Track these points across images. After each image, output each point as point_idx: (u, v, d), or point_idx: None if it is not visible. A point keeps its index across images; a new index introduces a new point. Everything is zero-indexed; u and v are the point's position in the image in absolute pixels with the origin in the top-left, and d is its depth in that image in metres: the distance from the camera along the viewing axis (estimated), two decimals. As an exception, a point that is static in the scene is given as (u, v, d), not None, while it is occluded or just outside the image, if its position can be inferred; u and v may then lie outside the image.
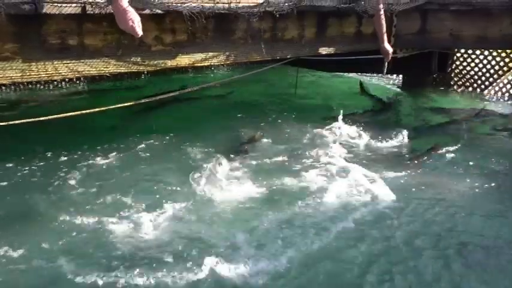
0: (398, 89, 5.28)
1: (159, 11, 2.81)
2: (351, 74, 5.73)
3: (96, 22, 2.68)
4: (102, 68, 2.81)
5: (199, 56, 3.18)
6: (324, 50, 3.95)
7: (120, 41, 2.81)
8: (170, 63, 3.08)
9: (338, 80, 5.72)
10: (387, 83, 5.58)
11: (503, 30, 4.02)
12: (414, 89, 5.05)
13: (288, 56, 3.72)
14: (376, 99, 4.66)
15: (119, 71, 2.92)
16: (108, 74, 2.95)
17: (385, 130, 3.63)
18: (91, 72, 2.78)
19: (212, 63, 3.40)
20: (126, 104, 2.90)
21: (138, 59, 2.92)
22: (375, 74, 5.58)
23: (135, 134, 3.41)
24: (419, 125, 3.80)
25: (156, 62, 3.00)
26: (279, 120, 3.93)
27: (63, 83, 4.85)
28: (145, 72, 4.63)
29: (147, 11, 2.73)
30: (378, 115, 4.14)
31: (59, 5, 2.45)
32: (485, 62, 4.82)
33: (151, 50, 2.95)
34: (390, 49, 3.96)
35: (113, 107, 2.82)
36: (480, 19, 4.10)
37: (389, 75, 5.49)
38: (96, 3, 2.51)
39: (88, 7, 2.54)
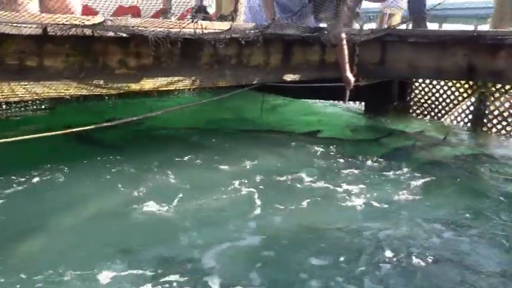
0: (361, 116, 5.43)
1: (124, 35, 2.80)
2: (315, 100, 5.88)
3: (58, 44, 2.62)
4: (62, 90, 2.73)
5: (164, 80, 3.16)
6: (288, 77, 4.02)
7: (82, 63, 2.75)
8: (134, 86, 3.04)
9: (304, 105, 5.85)
10: (350, 110, 5.72)
11: (457, 62, 4.24)
12: (376, 115, 5.21)
13: (254, 82, 3.76)
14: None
15: (80, 93, 2.84)
16: (68, 96, 2.86)
17: (344, 154, 3.70)
18: (50, 94, 2.69)
19: (177, 88, 3.37)
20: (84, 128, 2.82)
21: (101, 82, 2.87)
22: (337, 101, 5.71)
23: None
24: (379, 149, 3.86)
25: (119, 85, 2.95)
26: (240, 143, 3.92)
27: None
28: (109, 95, 4.54)
29: (111, 34, 2.70)
30: (340, 139, 4.20)
31: (19, 25, 2.39)
32: (441, 91, 5.04)
33: (114, 73, 2.90)
34: (352, 78, 4.09)
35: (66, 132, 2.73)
36: (436, 51, 4.31)
37: (352, 103, 5.64)
38: (58, 25, 2.46)
39: (49, 28, 2.49)
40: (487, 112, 4.67)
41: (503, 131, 4.56)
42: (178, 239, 2.29)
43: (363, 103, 5.58)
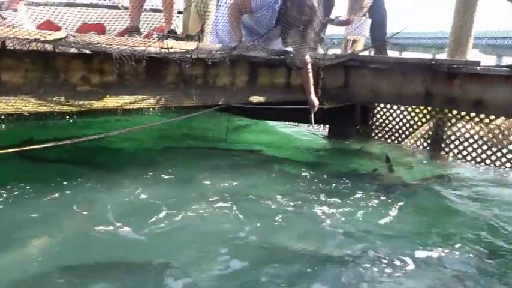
0: (324, 138, 5.53)
1: (87, 51, 2.75)
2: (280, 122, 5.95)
3: (17, 58, 2.54)
4: (20, 106, 2.63)
5: (128, 99, 3.11)
6: (254, 99, 4.05)
7: (42, 79, 2.67)
8: (96, 104, 2.97)
9: (270, 126, 5.90)
10: (314, 133, 5.82)
11: (416, 88, 4.42)
12: (339, 139, 5.32)
13: (219, 103, 3.76)
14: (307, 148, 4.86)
15: (39, 110, 2.74)
16: (26, 113, 2.76)
17: (305, 175, 3.73)
18: (7, 110, 2.59)
19: (141, 107, 3.32)
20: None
21: (62, 99, 2.78)
22: (302, 124, 5.80)
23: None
24: (340, 171, 3.91)
25: (81, 102, 2.87)
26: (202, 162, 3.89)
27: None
28: (70, 112, 4.43)
29: (73, 50, 2.65)
30: (302, 161, 4.24)
31: (-25, 38, 2.30)
32: (402, 116, 5.21)
33: (76, 89, 2.83)
34: (316, 101, 4.18)
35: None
36: (396, 77, 4.48)
37: (316, 125, 5.74)
38: (17, 39, 2.39)
39: (8, 42, 2.41)
40: (444, 137, 4.85)
41: (459, 155, 4.75)
42: (144, 261, 2.21)
43: (327, 126, 5.68)
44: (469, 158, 4.68)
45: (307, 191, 3.36)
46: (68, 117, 4.99)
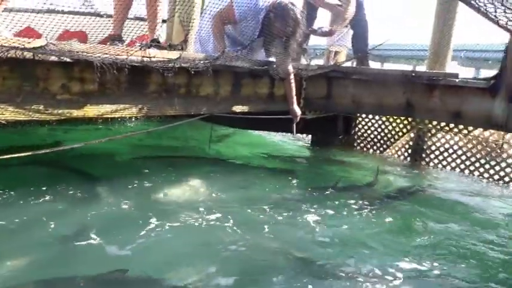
0: (307, 148, 5.56)
1: (68, 59, 2.71)
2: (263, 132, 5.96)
3: (-5, 66, 2.49)
4: (-3, 115, 2.58)
5: (109, 108, 3.07)
6: (238, 108, 4.06)
7: (21, 87, 2.62)
8: (77, 113, 2.93)
9: (253, 136, 5.90)
10: (297, 142, 5.84)
11: (397, 99, 4.50)
12: (322, 148, 5.35)
13: (202, 112, 3.76)
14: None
15: (17, 118, 2.69)
16: (4, 122, 2.70)
17: (287, 184, 3.74)
18: (-17, 118, 2.54)
19: (123, 116, 3.29)
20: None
21: (41, 107, 2.74)
22: (285, 133, 5.81)
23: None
24: (321, 181, 3.93)
25: (61, 111, 2.83)
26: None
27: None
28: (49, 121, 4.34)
29: (54, 58, 2.61)
30: (285, 170, 4.25)
31: (-49, 44, 2.25)
32: (383, 126, 5.28)
33: (56, 98, 2.78)
34: (299, 111, 4.21)
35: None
36: (377, 88, 4.55)
37: (299, 135, 5.77)
38: (-5, 46, 2.35)
39: (-14, 50, 2.36)
40: (425, 147, 4.93)
41: (439, 165, 4.82)
42: (130, 273, 2.17)
43: (309, 136, 5.72)
44: (448, 168, 4.76)
45: (290, 202, 3.35)
46: (47, 125, 4.91)
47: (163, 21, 4.64)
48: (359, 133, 5.45)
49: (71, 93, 2.85)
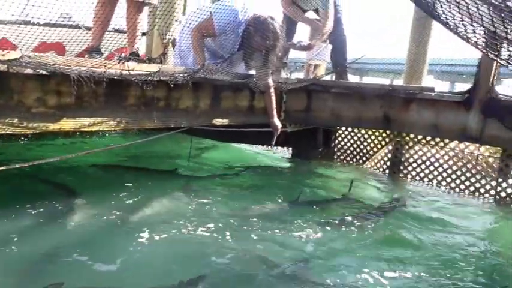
0: (287, 161, 5.57)
1: (44, 72, 2.66)
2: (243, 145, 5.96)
3: (-33, 78, 2.43)
4: (-32, 128, 2.51)
5: (86, 121, 3.02)
6: (218, 121, 4.05)
7: (-6, 100, 2.56)
8: (53, 126, 2.87)
9: (233, 148, 5.88)
10: (278, 155, 5.85)
11: (375, 112, 4.56)
12: (302, 161, 5.37)
13: (182, 125, 3.73)
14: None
15: (-11, 132, 2.62)
16: (-24, 135, 2.62)
17: (266, 198, 3.72)
18: (-46, 131, 2.46)
19: (101, 129, 3.24)
20: None
21: (15, 121, 2.67)
22: (266, 146, 5.82)
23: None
24: (300, 194, 3.92)
25: (36, 124, 2.77)
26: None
27: None
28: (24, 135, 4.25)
29: (29, 71, 2.56)
30: (264, 183, 4.24)
31: None
32: (362, 139, 5.34)
33: (31, 111, 2.73)
34: (279, 124, 4.23)
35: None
36: (356, 102, 4.62)
37: (279, 148, 5.78)
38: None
39: (-43, 61, 2.30)
40: (403, 159, 5.00)
41: (417, 177, 4.89)
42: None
43: (290, 149, 5.73)
44: (426, 179, 4.83)
45: (268, 215, 3.33)
46: (22, 139, 4.80)
47: (143, 34, 4.63)
48: (339, 146, 5.49)
49: (46, 107, 2.79)
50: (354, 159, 5.39)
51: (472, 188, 4.54)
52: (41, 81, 2.74)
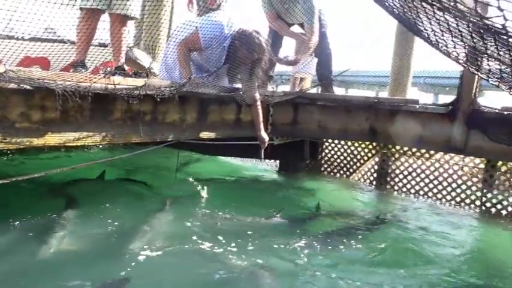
0: (275, 173, 5.57)
1: (28, 87, 2.64)
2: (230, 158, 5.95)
3: None
4: (-51, 144, 2.46)
5: (71, 136, 2.99)
6: (205, 135, 4.04)
7: (-24, 115, 2.53)
8: (37, 141, 2.83)
9: (220, 162, 5.87)
10: (265, 167, 5.86)
11: (361, 125, 4.61)
12: (289, 173, 5.38)
13: (169, 139, 3.72)
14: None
15: (-29, 148, 2.58)
16: (-43, 151, 2.58)
17: (250, 211, 3.67)
18: None
19: (86, 143, 3.20)
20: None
21: (-2, 136, 2.64)
22: (253, 159, 5.82)
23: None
24: (287, 206, 3.90)
25: (19, 139, 2.73)
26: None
27: None
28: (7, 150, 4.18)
29: (12, 86, 2.53)
30: (256, 200, 4.22)
31: None
32: (349, 151, 5.38)
33: (14, 126, 2.69)
34: (266, 137, 4.24)
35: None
36: (342, 114, 4.66)
37: (267, 160, 5.79)
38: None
39: None
40: (389, 171, 5.04)
41: (404, 189, 4.94)
42: None
43: (277, 161, 5.74)
44: (412, 191, 4.87)
45: (255, 229, 3.29)
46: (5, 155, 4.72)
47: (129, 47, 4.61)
48: (326, 158, 5.53)
49: (31, 122, 2.76)
50: (341, 171, 5.42)
51: (458, 199, 4.60)
52: (25, 95, 2.70)
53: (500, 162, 4.34)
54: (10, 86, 2.56)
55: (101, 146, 5.55)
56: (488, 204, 4.39)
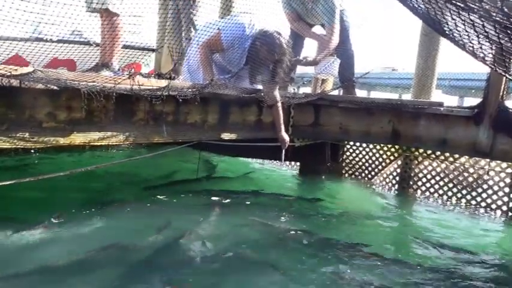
0: (295, 176, 5.55)
1: (55, 87, 2.71)
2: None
3: (-20, 93, 2.48)
4: (-20, 143, 2.55)
5: (96, 135, 3.06)
6: (226, 136, 4.07)
7: (6, 114, 2.61)
8: (63, 141, 2.91)
9: (241, 163, 5.88)
10: (286, 169, 5.84)
11: (383, 127, 4.55)
12: (310, 176, 5.35)
13: (190, 140, 3.76)
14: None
15: (1, 146, 2.66)
16: (-13, 149, 2.67)
17: (275, 215, 3.68)
18: (-34, 146, 2.50)
19: (110, 143, 3.27)
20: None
21: (26, 135, 2.72)
22: (274, 161, 5.82)
23: None
24: (310, 211, 3.88)
25: (46, 139, 2.81)
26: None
27: None
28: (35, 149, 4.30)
29: (40, 86, 2.61)
30: (274, 199, 4.21)
31: None
32: (371, 154, 5.31)
33: (42, 126, 2.77)
34: (287, 138, 4.23)
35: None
36: (365, 116, 4.61)
37: (287, 162, 5.77)
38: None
39: (-29, 77, 2.36)
40: (412, 174, 4.96)
41: (427, 193, 4.85)
42: None
43: (298, 163, 5.72)
44: (436, 195, 4.78)
45: (276, 237, 3.25)
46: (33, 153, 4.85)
47: (153, 50, 4.69)
48: (347, 160, 5.47)
49: (57, 121, 2.84)
50: (363, 174, 5.36)
51: (483, 204, 4.48)
52: (52, 96, 2.78)
53: (528, 167, 4.22)
54: (38, 86, 2.64)
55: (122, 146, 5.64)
56: (515, 210, 4.27)
